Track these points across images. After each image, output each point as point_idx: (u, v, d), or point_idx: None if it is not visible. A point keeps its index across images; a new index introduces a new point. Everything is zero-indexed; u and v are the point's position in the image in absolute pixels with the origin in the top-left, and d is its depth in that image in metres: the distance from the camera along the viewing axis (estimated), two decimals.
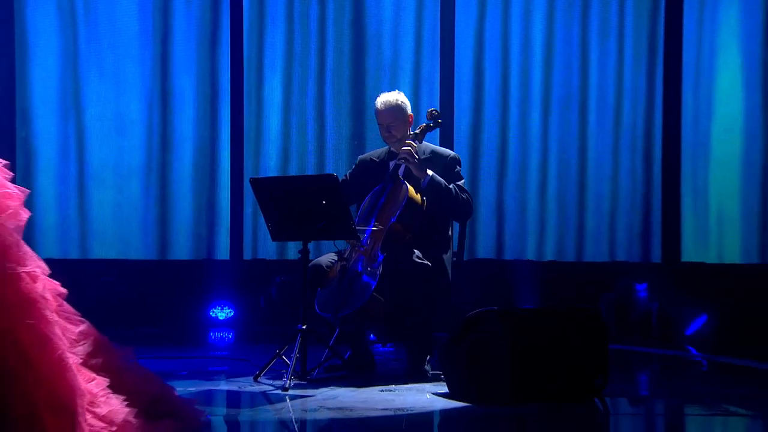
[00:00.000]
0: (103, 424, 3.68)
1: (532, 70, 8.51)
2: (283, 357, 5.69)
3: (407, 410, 4.94)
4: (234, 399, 5.21)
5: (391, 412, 4.88)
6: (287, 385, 5.36)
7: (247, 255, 8.62)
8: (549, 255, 8.30)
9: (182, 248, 8.52)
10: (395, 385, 5.54)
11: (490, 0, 8.56)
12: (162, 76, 8.47)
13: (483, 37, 8.57)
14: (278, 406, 5.10)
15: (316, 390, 5.40)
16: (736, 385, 6.12)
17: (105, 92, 8.41)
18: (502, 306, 5.89)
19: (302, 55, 8.57)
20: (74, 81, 8.41)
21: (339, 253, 5.90)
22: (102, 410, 3.71)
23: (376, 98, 6.72)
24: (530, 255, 8.35)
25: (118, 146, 8.18)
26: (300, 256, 5.73)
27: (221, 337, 8.06)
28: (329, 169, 8.49)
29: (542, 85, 8.51)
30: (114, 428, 3.72)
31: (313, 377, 5.65)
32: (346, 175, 6.28)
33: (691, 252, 8.33)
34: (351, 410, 4.91)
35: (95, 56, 8.40)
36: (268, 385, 5.52)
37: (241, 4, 8.56)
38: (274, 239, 6.00)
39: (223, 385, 5.58)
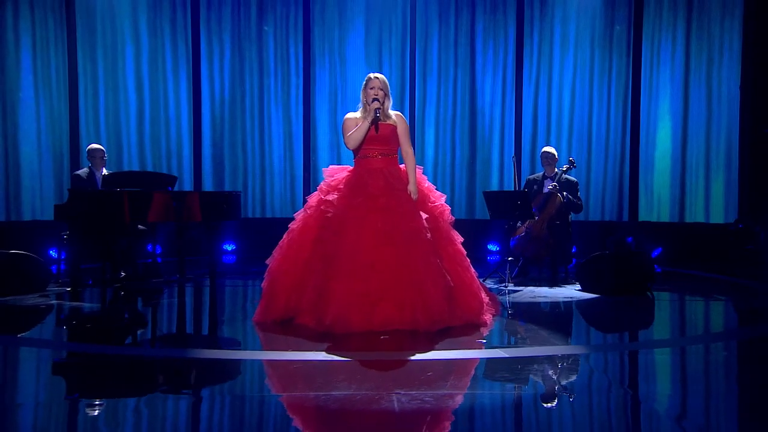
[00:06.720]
0: (483, 303, 4.30)
1: (563, 120, 8.78)
2: (498, 272, 6.18)
3: (572, 297, 5.28)
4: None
5: (568, 298, 5.22)
6: (506, 285, 5.72)
7: None
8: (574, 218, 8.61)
9: None
10: (554, 285, 5.83)
11: (541, 83, 8.81)
12: None
13: (537, 104, 8.85)
14: (510, 296, 5.29)
15: (518, 288, 5.68)
16: (677, 282, 6.55)
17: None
18: (604, 250, 6.19)
19: (443, 117, 9.03)
20: (337, 137, 8.80)
21: (522, 221, 6.25)
22: (481, 296, 4.27)
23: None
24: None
25: None
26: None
27: None
28: (457, 175, 8.93)
29: (568, 127, 8.78)
30: (486, 303, 4.30)
31: (512, 281, 5.89)
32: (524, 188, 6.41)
33: (644, 215, 8.56)
34: (546, 297, 5.22)
35: None
36: (491, 285, 5.68)
37: (415, 97, 8.96)
38: (492, 218, 6.05)
39: None
